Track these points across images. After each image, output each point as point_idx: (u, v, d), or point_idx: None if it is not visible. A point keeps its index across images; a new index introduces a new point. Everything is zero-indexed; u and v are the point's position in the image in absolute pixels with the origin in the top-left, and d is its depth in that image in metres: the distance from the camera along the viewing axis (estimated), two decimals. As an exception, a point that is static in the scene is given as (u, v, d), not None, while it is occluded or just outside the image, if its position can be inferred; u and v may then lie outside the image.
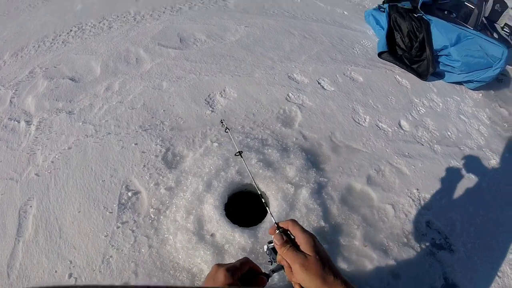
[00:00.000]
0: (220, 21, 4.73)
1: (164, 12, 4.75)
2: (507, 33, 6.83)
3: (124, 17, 4.52)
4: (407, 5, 5.31)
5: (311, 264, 1.02)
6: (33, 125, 2.95)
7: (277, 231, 1.14)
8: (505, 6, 6.66)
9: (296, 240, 1.09)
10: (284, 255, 1.07)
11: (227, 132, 1.91)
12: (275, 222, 1.18)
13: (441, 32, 4.64)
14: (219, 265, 1.10)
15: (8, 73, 3.60)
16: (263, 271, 1.18)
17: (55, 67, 3.63)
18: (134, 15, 4.57)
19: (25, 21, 4.63)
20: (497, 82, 5.15)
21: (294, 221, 1.13)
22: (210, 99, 3.31)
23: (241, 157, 1.64)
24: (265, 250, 1.24)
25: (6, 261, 2.10)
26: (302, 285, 1.05)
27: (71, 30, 4.20)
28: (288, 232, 1.14)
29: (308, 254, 1.03)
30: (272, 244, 1.17)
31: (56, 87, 3.35)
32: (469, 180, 3.14)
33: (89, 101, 3.15)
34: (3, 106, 3.18)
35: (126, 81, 3.40)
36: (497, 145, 3.71)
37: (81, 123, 2.93)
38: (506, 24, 6.92)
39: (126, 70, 3.55)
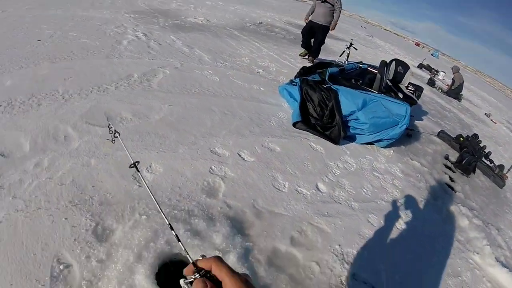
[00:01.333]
0: (145, 100, 5.00)
1: (91, 92, 4.92)
2: (411, 91, 7.74)
3: (52, 95, 4.61)
4: (316, 77, 5.95)
5: None
6: (-39, 198, 2.96)
7: (196, 274, 0.83)
8: (407, 68, 7.59)
9: (223, 285, 0.79)
10: None
11: (114, 141, 2.01)
12: (192, 262, 0.88)
13: (348, 99, 5.21)
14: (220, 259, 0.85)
15: None
16: None
17: (-17, 142, 3.65)
18: (62, 94, 4.69)
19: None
20: (407, 137, 5.76)
21: (219, 260, 0.84)
22: (137, 174, 3.47)
23: (137, 169, 1.59)
24: (182, 285, 0.86)
25: None
26: None
27: (0, 105, 4.23)
28: (210, 273, 0.83)
29: None
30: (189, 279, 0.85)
31: (-16, 162, 3.38)
32: (388, 231, 3.52)
33: (18, 177, 3.19)
34: None
35: (55, 158, 3.50)
36: (413, 196, 4.17)
37: (11, 198, 2.96)
38: (410, 83, 7.86)
39: (55, 147, 3.65)
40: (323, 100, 5.39)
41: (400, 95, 6.94)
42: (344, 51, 10.51)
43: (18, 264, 2.48)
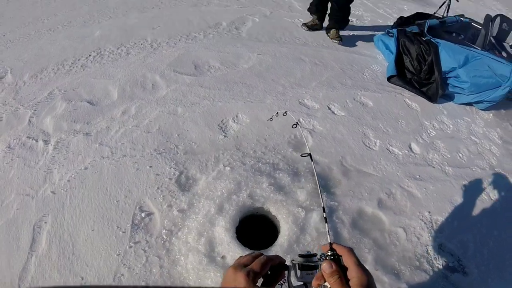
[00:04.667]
0: (234, 49, 4.84)
1: (179, 40, 4.88)
2: None
3: (141, 44, 4.65)
4: (415, 29, 5.38)
5: None
6: (51, 144, 3.02)
7: (328, 258, 0.96)
8: None
9: (348, 272, 0.91)
10: (332, 285, 0.90)
11: (295, 127, 1.89)
12: (330, 242, 1.00)
13: (449, 54, 4.66)
14: (236, 268, 0.97)
15: (27, 94, 3.69)
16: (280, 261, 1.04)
17: (73, 90, 3.73)
18: (151, 42, 4.70)
19: (46, 44, 4.76)
20: (508, 101, 5.15)
21: (351, 250, 0.95)
22: (223, 124, 3.38)
23: (311, 159, 1.55)
24: (292, 263, 1.02)
25: (18, 274, 2.15)
26: None
27: (89, 55, 4.31)
28: (340, 258, 0.96)
29: None
30: (303, 259, 1.00)
31: (74, 109, 3.44)
32: (482, 201, 3.13)
33: (106, 124, 3.22)
34: (22, 125, 3.26)
35: (142, 106, 3.49)
36: (510, 165, 3.69)
37: (97, 145, 2.99)
38: None
39: (142, 95, 3.64)
40: (422, 53, 4.91)
41: (504, 54, 6.17)
42: (444, 2, 9.34)
43: (101, 210, 2.49)
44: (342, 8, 5.40)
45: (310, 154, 1.50)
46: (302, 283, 1.01)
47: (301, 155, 1.59)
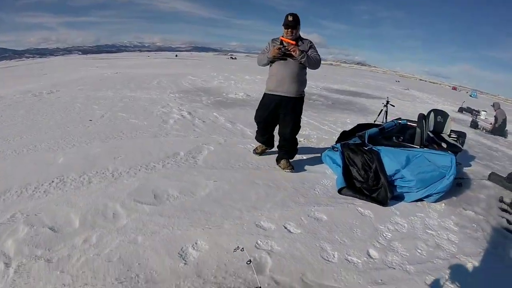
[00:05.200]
0: (191, 177, 5.09)
1: (140, 170, 5.11)
2: (454, 139, 7.50)
3: (103, 173, 4.82)
4: (357, 140, 5.93)
5: None
6: (12, 268, 2.99)
7: None
8: (446, 116, 7.39)
9: None
10: None
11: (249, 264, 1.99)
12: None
13: (390, 158, 5.11)
14: None
15: (-12, 216, 3.69)
16: None
17: (35, 215, 3.75)
18: (112, 172, 4.89)
19: (10, 166, 4.84)
20: (458, 187, 5.51)
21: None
22: (183, 252, 3.46)
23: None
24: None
25: None
26: None
27: (52, 181, 4.39)
28: None
29: None
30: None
31: (36, 235, 3.45)
32: None
33: (67, 252, 3.24)
34: (-18, 250, 3.23)
35: (103, 235, 3.55)
36: (470, 248, 3.90)
37: (58, 272, 2.99)
38: (452, 131, 7.62)
39: (103, 224, 3.72)
40: (366, 162, 5.29)
41: (444, 145, 6.74)
42: (381, 110, 10.17)
43: None
44: (289, 140, 5.76)
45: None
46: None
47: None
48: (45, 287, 2.86)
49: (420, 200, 5.09)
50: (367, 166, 5.30)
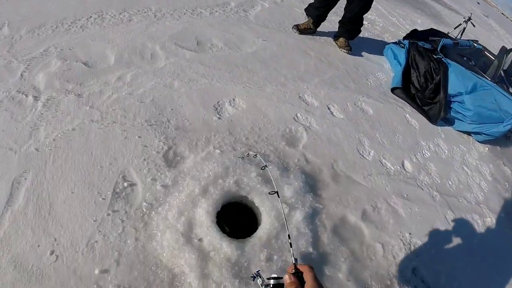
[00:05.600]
0: (239, 31, 4.76)
1: (184, 14, 4.78)
2: None
3: (145, 12, 4.54)
4: (427, 45, 5.31)
5: None
6: (41, 101, 2.92)
7: (292, 271, 1.24)
8: None
9: (305, 285, 1.18)
10: None
11: (264, 169, 1.96)
12: (294, 263, 1.29)
13: (458, 78, 4.59)
14: None
15: (22, 48, 3.56)
16: None
17: (70, 49, 3.60)
18: (155, 12, 4.60)
19: (46, 1, 4.61)
20: (505, 139, 5.11)
21: (310, 268, 1.23)
22: (219, 106, 3.32)
23: (278, 196, 1.68)
24: (262, 285, 1.34)
25: (-9, 228, 2.08)
26: None
27: (90, 17, 4.18)
28: (301, 275, 1.22)
29: None
30: (274, 281, 1.29)
31: (69, 69, 3.33)
32: (461, 234, 3.11)
33: (99, 88, 3.14)
34: (13, 78, 3.14)
35: (139, 75, 3.41)
36: (495, 204, 3.69)
37: (88, 108, 2.91)
38: None
39: (139, 64, 3.56)
40: (430, 71, 4.84)
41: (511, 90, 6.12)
42: (460, 24, 9.13)
43: (83, 173, 2.42)
44: (355, 18, 5.19)
45: (277, 192, 1.65)
46: None
47: (269, 193, 1.72)
48: (72, 122, 2.79)
49: (468, 133, 4.69)
50: (430, 75, 4.82)
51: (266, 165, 1.90)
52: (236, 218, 2.61)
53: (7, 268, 1.91)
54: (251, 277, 1.45)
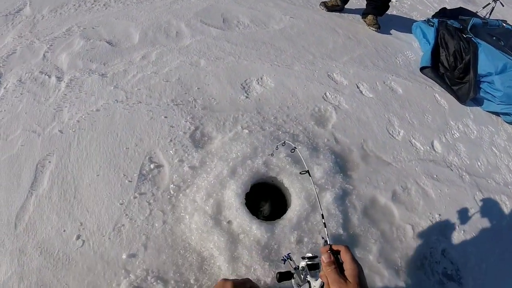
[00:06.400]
0: (266, 7, 4.62)
1: (210, -10, 4.64)
2: None
3: (169, -12, 4.43)
4: (456, 24, 5.10)
5: None
6: (64, 82, 2.88)
7: (328, 251, 1.20)
8: None
9: (344, 265, 1.16)
10: (328, 273, 1.15)
11: (293, 152, 1.90)
12: (330, 244, 1.23)
13: (488, 58, 4.41)
14: (225, 280, 1.43)
15: (45, 28, 3.53)
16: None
17: (93, 28, 3.56)
18: (179, -12, 4.48)
19: (68, -21, 4.58)
20: None
21: (347, 248, 1.20)
22: (246, 84, 3.22)
23: (309, 175, 1.60)
24: (300, 267, 1.33)
25: (16, 212, 2.06)
26: None
27: (114, -6, 4.12)
28: (338, 256, 1.20)
29: (349, 281, 1.10)
30: (309, 261, 1.29)
31: (92, 48, 3.28)
32: (490, 215, 3.00)
33: (123, 67, 3.08)
34: (36, 59, 3.11)
35: (164, 53, 3.33)
36: None
37: (112, 88, 2.86)
38: None
39: (164, 42, 3.48)
40: (460, 51, 4.64)
41: None
42: (488, 4, 8.67)
43: (108, 155, 2.37)
44: None
45: (308, 171, 1.58)
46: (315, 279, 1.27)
47: (300, 173, 1.62)
48: (96, 102, 2.75)
49: (496, 114, 4.50)
50: (459, 55, 4.62)
51: (295, 147, 1.84)
52: (265, 200, 2.55)
53: (33, 254, 1.89)
54: (282, 260, 1.44)
